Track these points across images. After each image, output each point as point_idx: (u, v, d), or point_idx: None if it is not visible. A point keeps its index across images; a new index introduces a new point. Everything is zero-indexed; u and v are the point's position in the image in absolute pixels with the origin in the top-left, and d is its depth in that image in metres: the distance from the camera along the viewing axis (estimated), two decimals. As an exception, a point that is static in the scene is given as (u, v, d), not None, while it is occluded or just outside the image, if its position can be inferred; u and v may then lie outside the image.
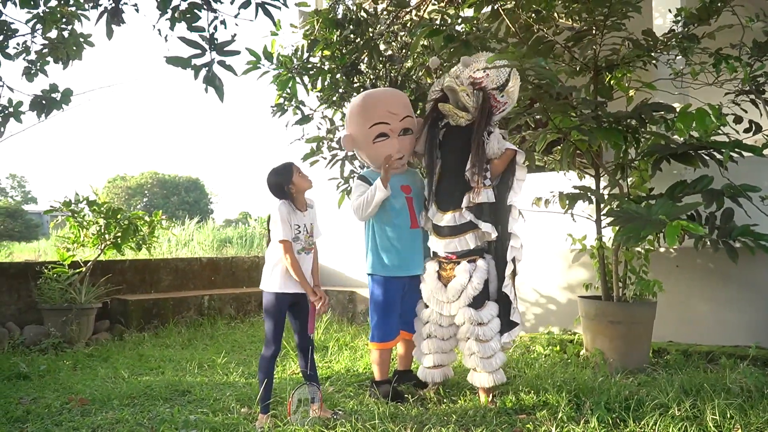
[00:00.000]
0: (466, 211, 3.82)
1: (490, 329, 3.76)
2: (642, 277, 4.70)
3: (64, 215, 6.21)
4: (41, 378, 4.66)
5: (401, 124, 3.97)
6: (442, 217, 3.87)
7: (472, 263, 3.82)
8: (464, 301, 3.77)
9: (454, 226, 3.83)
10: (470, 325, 3.77)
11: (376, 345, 4.00)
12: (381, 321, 3.99)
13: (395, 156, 3.93)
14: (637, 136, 4.60)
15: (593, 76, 4.93)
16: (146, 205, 53.34)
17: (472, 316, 3.75)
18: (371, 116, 3.96)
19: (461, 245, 3.82)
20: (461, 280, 3.79)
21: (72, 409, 3.79)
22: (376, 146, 3.96)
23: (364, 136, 3.99)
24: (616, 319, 4.58)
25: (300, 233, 3.50)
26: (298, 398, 3.47)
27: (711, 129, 3.90)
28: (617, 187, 4.74)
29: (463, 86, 3.79)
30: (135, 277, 6.99)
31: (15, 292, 6.06)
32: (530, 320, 6.23)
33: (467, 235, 3.82)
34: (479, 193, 3.76)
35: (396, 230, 3.97)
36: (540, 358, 4.77)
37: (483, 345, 3.75)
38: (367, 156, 4.06)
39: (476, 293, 3.77)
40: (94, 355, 5.49)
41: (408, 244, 3.98)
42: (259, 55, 4.88)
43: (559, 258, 5.97)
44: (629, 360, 4.53)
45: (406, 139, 4.02)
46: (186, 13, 3.82)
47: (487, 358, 3.76)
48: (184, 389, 4.17)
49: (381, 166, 3.92)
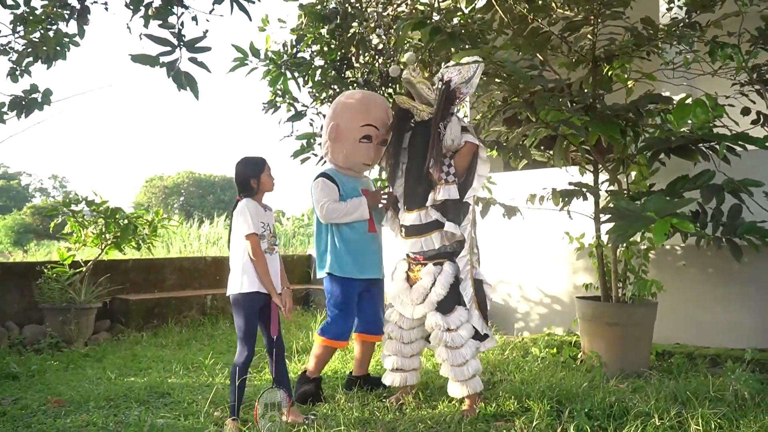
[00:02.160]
0: (432, 210, 3.65)
1: (459, 336, 3.55)
2: (641, 277, 4.50)
3: (65, 215, 6.22)
4: (30, 378, 4.65)
5: (384, 134, 3.95)
6: (407, 216, 3.73)
7: (438, 266, 3.65)
8: (429, 306, 3.61)
9: (419, 225, 3.67)
10: (438, 331, 3.59)
11: (324, 340, 3.93)
12: (336, 320, 3.92)
13: (369, 161, 3.99)
14: (638, 129, 4.40)
15: (591, 67, 4.74)
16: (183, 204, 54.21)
17: (438, 321, 3.58)
18: (367, 116, 3.93)
19: (426, 245, 3.66)
20: (425, 283, 3.64)
21: (47, 411, 3.75)
22: (359, 146, 3.93)
23: (351, 132, 3.92)
24: (613, 320, 4.39)
25: (265, 231, 3.42)
26: (264, 403, 3.37)
27: (702, 121, 3.67)
28: (616, 183, 4.55)
29: (420, 78, 3.65)
30: (139, 277, 6.99)
31: (18, 292, 6.10)
32: (534, 320, 6.05)
33: (432, 234, 3.65)
34: (440, 189, 3.60)
35: (354, 233, 3.91)
36: (533, 362, 4.59)
37: (453, 352, 3.56)
38: (344, 151, 3.97)
39: (440, 297, 3.58)
40: (89, 355, 5.48)
41: (365, 247, 3.93)
42: (245, 51, 4.80)
43: (564, 257, 5.77)
44: (627, 363, 4.33)
45: (380, 150, 4.01)
46: (159, 11, 3.76)
47: (458, 366, 3.56)
48: (165, 391, 4.11)
49: (350, 168, 3.99)
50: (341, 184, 3.96)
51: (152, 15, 3.70)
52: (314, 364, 3.99)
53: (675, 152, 4.13)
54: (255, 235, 3.35)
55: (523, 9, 4.71)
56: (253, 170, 3.42)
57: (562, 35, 4.71)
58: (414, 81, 3.69)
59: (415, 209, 3.70)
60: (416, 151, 3.78)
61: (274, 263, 3.46)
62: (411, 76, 3.70)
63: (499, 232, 6.04)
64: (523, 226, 5.62)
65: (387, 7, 4.67)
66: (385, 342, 3.92)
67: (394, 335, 3.85)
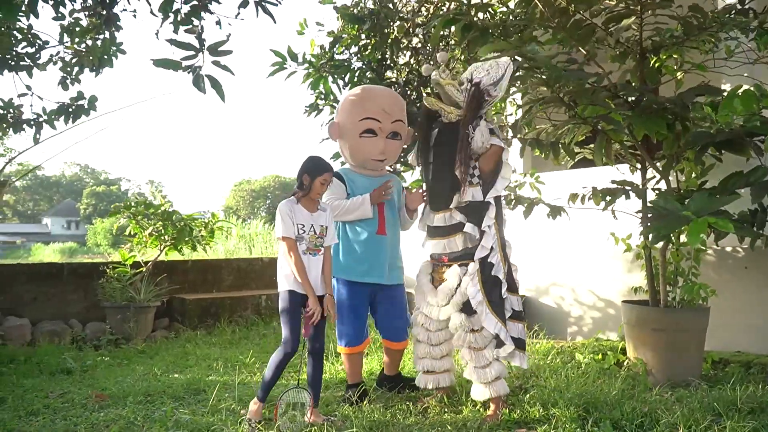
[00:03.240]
0: (456, 212, 3.59)
1: (483, 336, 3.48)
2: (691, 280, 4.23)
3: (126, 217, 6.49)
4: (83, 373, 4.87)
5: (392, 126, 3.84)
6: (433, 218, 3.70)
7: (463, 267, 3.57)
8: (454, 306, 3.54)
9: (444, 226, 3.63)
10: (462, 332, 3.53)
11: (342, 349, 3.92)
12: (345, 325, 3.88)
13: (379, 157, 3.86)
14: (687, 124, 4.15)
15: (638, 60, 4.51)
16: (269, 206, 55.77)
17: (463, 321, 3.51)
18: (364, 109, 3.84)
19: (450, 246, 3.61)
20: (450, 284, 3.57)
21: (87, 405, 3.91)
22: (362, 141, 3.84)
23: (351, 128, 3.86)
24: (659, 326, 4.15)
25: (305, 233, 3.40)
26: (288, 402, 3.38)
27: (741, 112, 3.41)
28: (666, 181, 4.30)
29: (448, 80, 3.57)
30: (198, 277, 7.21)
31: (83, 291, 6.41)
32: (588, 325, 5.82)
33: (456, 236, 3.59)
34: (465, 191, 3.53)
35: (362, 234, 3.83)
36: (574, 368, 4.40)
37: (476, 353, 3.50)
38: (349, 149, 3.93)
39: (466, 298, 3.51)
40: (144, 352, 5.69)
41: (372, 250, 3.84)
42: (284, 55, 4.86)
43: (618, 258, 5.52)
44: (674, 372, 4.09)
45: (394, 143, 3.89)
46: (189, 16, 3.86)
47: (481, 368, 3.49)
48: (201, 388, 4.20)
49: (362, 166, 3.91)
50: (351, 183, 3.90)
51: (180, 21, 3.80)
52: (347, 373, 4.00)
53: (723, 147, 3.88)
54: (288, 239, 3.35)
55: (564, 1, 4.54)
56: (313, 170, 3.41)
57: (607, 27, 4.50)
58: (443, 83, 3.63)
59: (441, 210, 3.65)
60: (442, 152, 3.72)
61: (316, 266, 3.44)
62: (440, 77, 3.63)
63: (552, 233, 5.85)
64: (576, 227, 5.43)
65: (422, 7, 4.62)
66: (415, 345, 3.89)
67: (421, 338, 3.81)
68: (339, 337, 3.93)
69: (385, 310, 3.95)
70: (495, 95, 3.57)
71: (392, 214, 3.92)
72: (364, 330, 3.92)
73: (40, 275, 6.32)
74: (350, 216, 3.79)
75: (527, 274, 6.28)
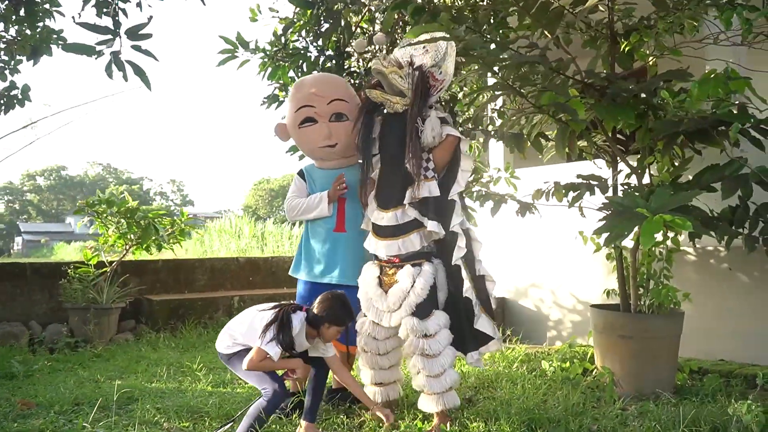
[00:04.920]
0: (410, 208, 3.28)
1: (437, 342, 3.18)
2: (663, 283, 3.89)
3: (90, 215, 6.27)
4: (26, 378, 4.63)
5: (329, 107, 3.58)
6: (383, 216, 3.35)
7: (416, 267, 3.27)
8: (406, 310, 3.22)
9: (397, 225, 3.30)
10: (414, 338, 3.21)
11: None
12: None
13: (325, 143, 3.59)
14: (660, 113, 3.81)
15: (609, 44, 4.17)
16: (287, 206, 55.72)
17: (415, 326, 3.19)
18: (298, 100, 3.62)
19: (405, 246, 3.28)
20: (403, 285, 3.25)
21: (8, 414, 3.67)
22: (303, 131, 3.61)
23: (291, 122, 3.65)
24: (627, 333, 3.83)
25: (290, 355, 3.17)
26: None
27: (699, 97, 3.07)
28: (636, 175, 3.97)
29: (392, 67, 3.26)
30: (169, 277, 6.97)
31: (46, 291, 6.20)
32: (567, 329, 5.48)
33: (412, 235, 3.28)
34: (420, 186, 3.22)
35: (319, 233, 3.61)
36: (535, 377, 4.08)
37: (429, 361, 3.17)
38: (297, 143, 3.74)
39: (420, 300, 3.20)
40: (101, 355, 5.45)
41: (329, 247, 3.58)
42: (234, 42, 4.58)
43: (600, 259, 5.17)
44: (643, 383, 3.77)
45: (339, 126, 3.61)
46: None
47: (434, 377, 3.17)
48: (135, 397, 3.95)
49: (315, 157, 3.68)
50: (311, 180, 3.69)
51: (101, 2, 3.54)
52: None
53: (693, 138, 3.54)
54: (264, 351, 3.03)
55: (530, -19, 4.22)
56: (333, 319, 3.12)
57: (574, 9, 4.17)
58: (386, 71, 3.30)
59: (392, 208, 3.33)
60: (389, 144, 3.42)
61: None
62: (381, 65, 3.31)
63: (531, 232, 5.54)
64: (557, 225, 5.11)
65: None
66: (360, 355, 3.58)
67: (369, 347, 3.50)
68: None
69: None
70: (441, 79, 3.28)
71: (354, 209, 3.62)
72: None
73: (3, 275, 6.12)
74: (310, 215, 3.59)
75: (505, 275, 5.96)
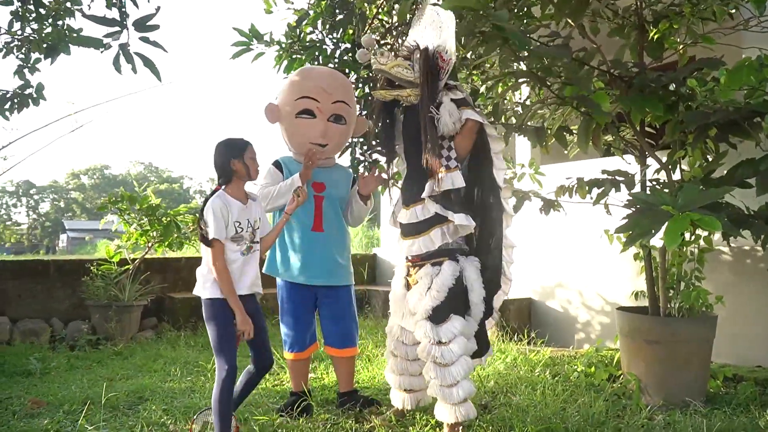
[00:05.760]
0: (431, 203, 3.04)
1: (450, 351, 2.94)
2: (693, 284, 3.67)
3: (112, 212, 6.27)
4: (42, 376, 4.62)
5: (333, 107, 3.45)
6: (405, 214, 3.17)
7: (436, 266, 3.06)
8: (422, 313, 3.02)
9: (417, 222, 3.09)
10: (427, 343, 3.01)
11: (286, 354, 3.58)
12: (286, 329, 3.54)
13: (318, 140, 3.44)
14: (691, 104, 3.59)
15: (638, 32, 3.96)
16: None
17: (427, 331, 2.98)
18: (301, 89, 3.47)
19: (425, 245, 3.06)
20: (420, 286, 3.07)
21: (18, 412, 3.64)
22: (298, 122, 3.46)
23: (288, 108, 3.49)
24: (654, 337, 3.61)
25: (243, 230, 2.92)
26: (203, 421, 3.01)
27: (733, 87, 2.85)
28: (665, 171, 3.75)
29: (393, 61, 3.06)
30: (191, 275, 6.83)
31: (69, 289, 6.21)
32: (596, 332, 5.27)
33: (432, 231, 3.04)
34: (442, 178, 2.99)
35: (296, 231, 3.46)
36: (556, 383, 3.89)
37: (442, 370, 2.95)
38: (286, 132, 3.57)
39: (435, 303, 2.98)
40: (121, 353, 5.42)
41: (307, 248, 3.44)
42: (249, 34, 4.49)
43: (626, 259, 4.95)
44: (672, 390, 3.55)
45: (336, 128, 3.48)
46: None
47: (447, 387, 2.95)
48: (145, 397, 3.89)
49: (301, 152, 3.47)
50: (288, 171, 3.51)
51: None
52: (290, 377, 3.67)
53: (724, 130, 3.31)
54: (218, 242, 2.85)
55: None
56: (236, 150, 2.92)
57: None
58: (386, 67, 3.08)
59: (412, 204, 3.14)
60: (408, 138, 3.22)
61: (254, 264, 2.97)
62: (380, 63, 3.08)
63: (559, 230, 5.35)
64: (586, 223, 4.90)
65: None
66: (389, 358, 3.42)
67: (398, 352, 3.34)
68: (283, 341, 3.57)
69: (326, 313, 3.55)
70: (448, 60, 3.06)
71: (333, 208, 3.51)
72: (306, 335, 3.53)
73: (27, 272, 6.15)
74: (281, 200, 3.38)
75: (532, 275, 5.76)
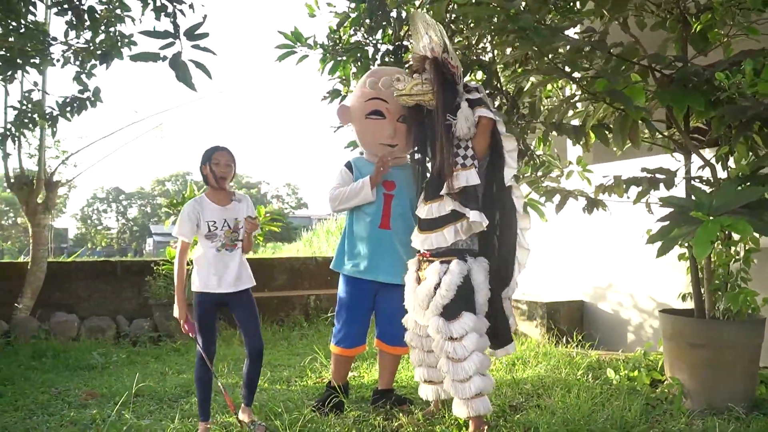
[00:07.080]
0: (448, 200, 3.09)
1: (462, 347, 2.99)
2: (740, 286, 3.52)
3: (176, 214, 6.52)
4: (103, 370, 4.89)
5: (400, 107, 3.44)
6: (423, 209, 3.23)
7: (444, 264, 3.11)
8: (433, 310, 3.09)
9: (433, 218, 3.15)
10: (440, 339, 3.06)
11: (332, 347, 3.62)
12: (339, 324, 3.58)
13: (388, 141, 3.49)
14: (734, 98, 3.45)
15: (681, 26, 3.83)
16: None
17: (440, 327, 3.04)
18: (371, 89, 3.52)
19: (437, 241, 3.14)
20: (428, 283, 3.13)
21: (73, 403, 3.87)
22: (368, 123, 3.51)
23: (359, 109, 3.55)
24: (698, 341, 3.48)
25: (218, 229, 3.20)
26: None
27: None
28: (709, 168, 3.62)
29: (410, 83, 3.18)
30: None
31: (135, 288, 6.53)
32: (647, 335, 5.10)
33: (445, 229, 3.11)
34: (457, 176, 3.04)
35: (364, 227, 3.49)
36: (595, 387, 3.80)
37: (454, 365, 3.01)
38: (357, 132, 3.62)
39: (446, 301, 3.04)
40: (179, 350, 5.67)
41: (373, 244, 3.47)
42: (292, 37, 4.61)
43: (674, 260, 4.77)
44: (716, 396, 3.41)
45: (403, 128, 3.51)
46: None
47: (460, 382, 3.01)
48: (192, 390, 4.04)
49: (371, 152, 3.55)
50: (359, 173, 3.56)
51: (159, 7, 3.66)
52: (331, 371, 3.72)
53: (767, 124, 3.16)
54: (182, 240, 3.19)
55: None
56: (204, 158, 3.24)
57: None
58: (405, 92, 3.22)
59: (430, 200, 3.20)
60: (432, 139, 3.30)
61: (233, 261, 3.24)
62: (399, 90, 3.24)
63: (610, 230, 5.22)
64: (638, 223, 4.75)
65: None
66: (410, 351, 3.49)
67: (415, 344, 3.41)
68: (333, 334, 3.64)
69: (384, 309, 3.57)
70: (456, 64, 3.12)
71: (402, 207, 3.53)
72: (357, 331, 3.56)
73: (96, 273, 6.50)
74: (352, 202, 3.49)
75: (582, 276, 5.64)
